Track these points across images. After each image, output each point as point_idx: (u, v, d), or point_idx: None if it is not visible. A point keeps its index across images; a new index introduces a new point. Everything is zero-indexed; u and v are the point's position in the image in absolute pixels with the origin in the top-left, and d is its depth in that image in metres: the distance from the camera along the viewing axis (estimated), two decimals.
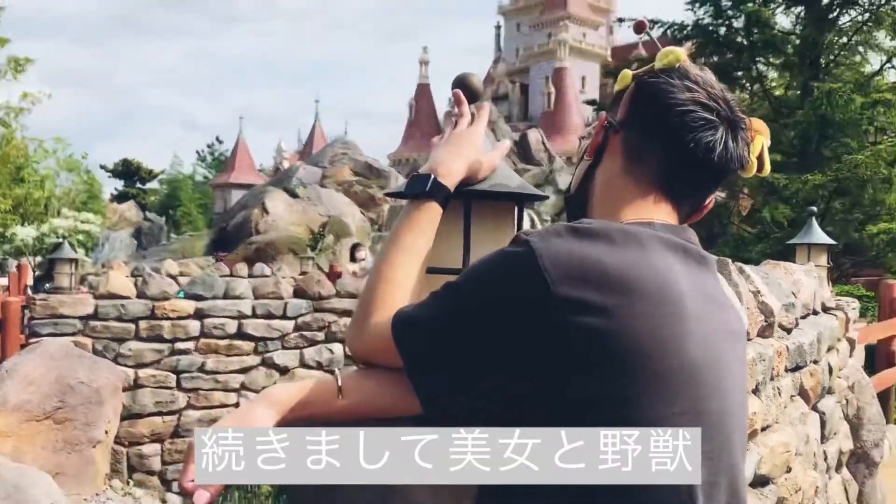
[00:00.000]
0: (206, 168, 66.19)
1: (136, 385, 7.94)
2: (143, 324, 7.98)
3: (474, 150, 1.30)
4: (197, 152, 67.44)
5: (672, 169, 1.13)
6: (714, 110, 1.11)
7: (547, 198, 1.61)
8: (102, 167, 57.49)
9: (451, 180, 1.24)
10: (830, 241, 5.27)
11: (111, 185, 58.96)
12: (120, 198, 53.17)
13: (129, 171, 58.07)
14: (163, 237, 37.23)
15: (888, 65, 11.06)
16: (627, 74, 1.19)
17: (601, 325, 0.94)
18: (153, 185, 61.30)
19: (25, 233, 25.26)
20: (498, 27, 75.46)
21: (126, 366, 7.82)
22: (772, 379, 2.98)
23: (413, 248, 1.21)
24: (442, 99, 67.38)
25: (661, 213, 1.14)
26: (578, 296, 0.94)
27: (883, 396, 6.38)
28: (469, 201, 1.44)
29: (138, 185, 58.29)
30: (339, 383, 1.11)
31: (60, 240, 24.99)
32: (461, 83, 1.51)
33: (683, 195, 1.16)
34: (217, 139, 67.59)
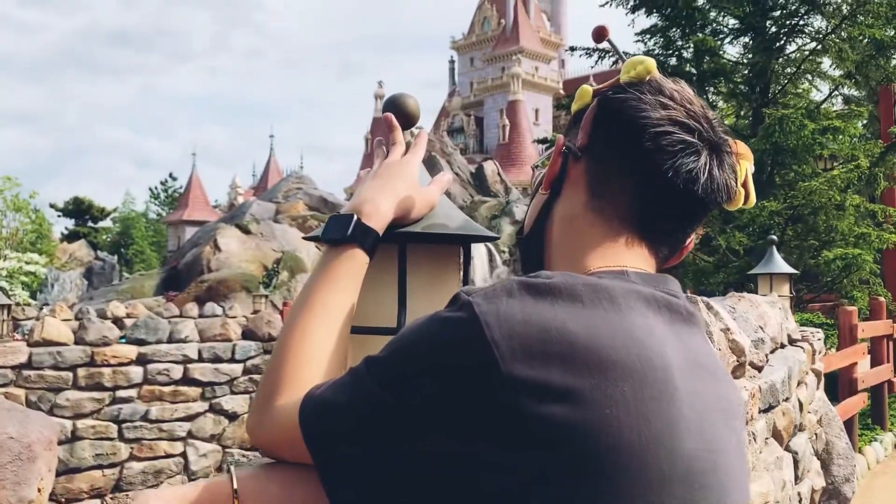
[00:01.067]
0: (159, 205, 65.15)
1: (73, 437, 7.48)
2: (81, 371, 7.54)
3: (408, 185, 1.09)
4: (150, 189, 66.38)
5: (646, 203, 0.92)
6: (694, 131, 0.91)
7: (497, 238, 1.39)
8: (52, 206, 56.34)
9: (378, 221, 1.04)
10: (792, 269, 5.15)
11: (62, 225, 57.69)
12: (70, 237, 52.06)
13: (79, 210, 56.96)
14: (115, 276, 36.31)
15: (835, 92, 11.25)
16: (587, 91, 0.99)
17: (568, 415, 0.72)
18: (105, 223, 60.13)
19: None
20: (452, 61, 76.35)
21: (63, 417, 7.37)
22: (746, 424, 2.79)
23: (330, 308, 0.99)
24: None
25: (634, 257, 0.93)
26: (538, 376, 0.73)
27: (847, 424, 6.27)
28: (404, 245, 1.21)
29: (90, 223, 57.17)
30: (235, 485, 0.86)
31: (4, 283, 24.18)
32: (393, 106, 1.28)
33: (661, 234, 0.95)
34: (171, 176, 66.69)
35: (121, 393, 7.69)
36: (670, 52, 10.89)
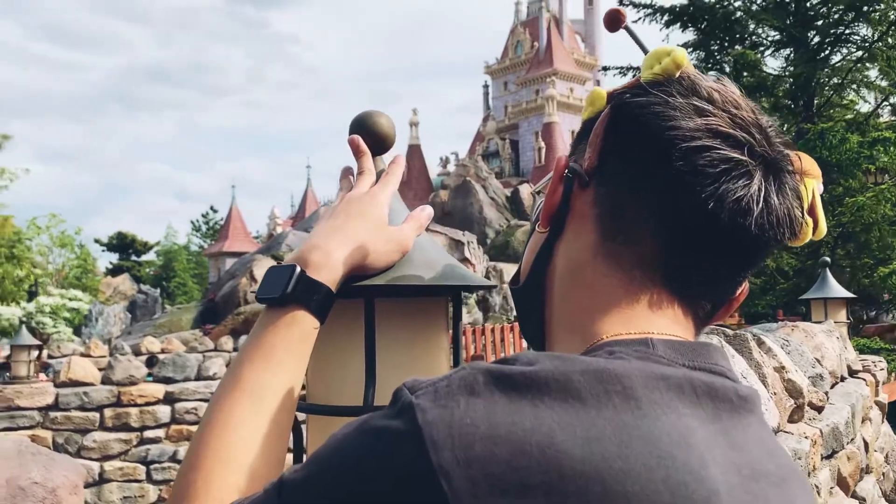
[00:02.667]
0: (200, 238, 66.07)
1: (101, 480, 7.33)
2: (108, 412, 7.41)
3: (372, 225, 0.86)
4: (191, 222, 67.50)
5: (678, 245, 0.66)
6: (744, 144, 0.65)
7: (494, 287, 1.11)
8: (97, 241, 57.50)
9: (330, 273, 0.81)
10: (848, 294, 4.76)
11: (106, 259, 58.88)
12: (114, 271, 53.05)
13: (123, 244, 58.09)
14: (157, 309, 36.74)
15: (885, 103, 10.73)
16: (600, 94, 0.74)
17: None
18: (148, 256, 61.20)
19: (10, 312, 24.66)
20: (486, 86, 76.64)
21: (90, 459, 7.23)
22: (808, 475, 2.46)
23: (262, 390, 0.75)
24: (433, 158, 68.17)
25: (663, 319, 0.67)
26: None
27: None
28: (371, 301, 0.94)
29: (133, 257, 58.23)
30: None
31: (48, 318, 24.51)
32: (360, 126, 1.03)
33: (700, 286, 0.69)
34: (211, 208, 67.70)
35: (148, 433, 7.53)
36: (709, 66, 10.53)
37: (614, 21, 0.81)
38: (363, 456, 0.54)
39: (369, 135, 1.03)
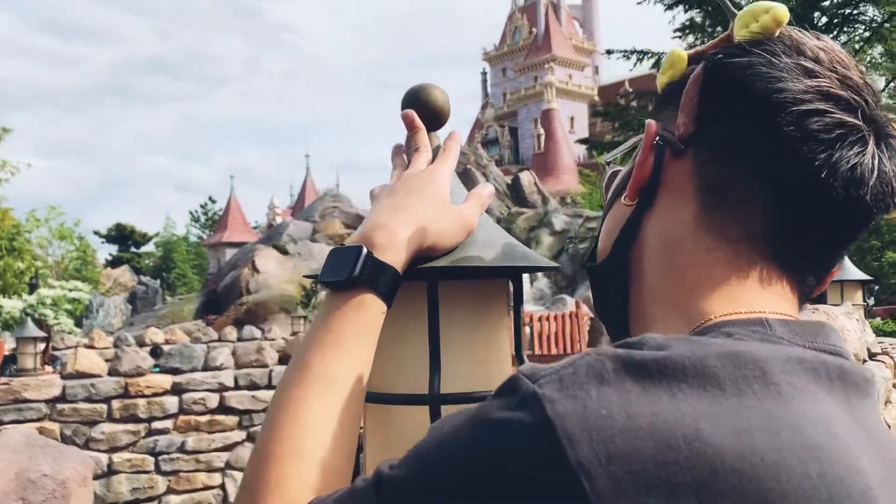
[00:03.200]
0: (200, 228, 65.96)
1: (109, 471, 7.30)
2: (115, 403, 7.37)
3: (436, 203, 0.82)
4: (190, 213, 67.24)
5: (789, 216, 0.62)
6: (856, 108, 0.61)
7: (558, 267, 1.06)
8: (96, 233, 57.44)
9: (396, 254, 0.76)
10: (865, 276, 4.73)
11: (105, 251, 58.83)
12: (114, 263, 53.05)
13: (122, 236, 58.05)
14: (158, 300, 36.72)
15: (892, 83, 10.68)
16: (680, 55, 0.70)
17: None
18: (148, 248, 61.16)
19: (11, 304, 24.60)
20: (484, 73, 76.44)
21: (98, 451, 7.20)
22: None
23: (333, 378, 0.71)
24: None
25: (773, 297, 0.63)
26: None
27: None
28: (434, 284, 0.89)
29: (132, 249, 58.23)
30: None
31: (49, 310, 24.47)
32: (416, 100, 0.97)
33: (808, 259, 0.64)
34: (210, 199, 67.49)
35: (156, 424, 7.50)
36: None
37: None
38: (484, 451, 0.49)
39: (423, 109, 0.98)
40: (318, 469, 0.67)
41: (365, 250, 0.74)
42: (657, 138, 0.67)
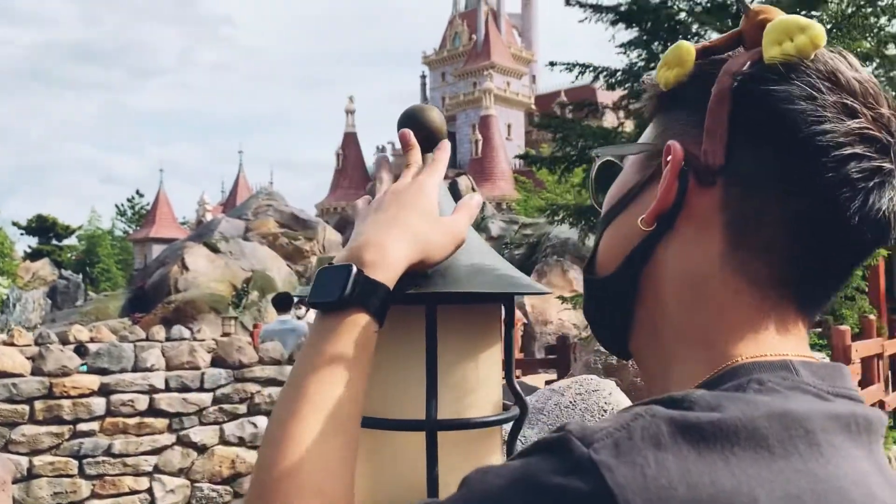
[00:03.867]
0: (126, 223, 64.04)
1: (30, 475, 6.99)
2: (38, 404, 7.05)
3: (426, 217, 0.80)
4: (116, 206, 65.24)
5: (815, 259, 0.61)
6: (887, 148, 0.60)
7: (549, 293, 1.07)
8: (15, 224, 55.13)
9: (387, 271, 0.74)
10: None
11: (24, 243, 56.53)
12: (34, 255, 51.03)
13: (43, 228, 55.92)
14: (80, 296, 35.45)
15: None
16: (689, 50, 0.66)
17: None
18: (70, 241, 59.02)
19: None
20: (423, 77, 76.46)
21: (19, 453, 6.89)
22: None
23: (331, 404, 0.69)
24: (369, 147, 67.96)
25: (793, 338, 0.62)
26: None
27: None
28: (433, 308, 0.88)
29: (54, 241, 56.09)
30: None
31: None
32: (411, 120, 0.97)
33: (823, 299, 0.65)
34: (137, 192, 65.70)
35: (82, 426, 7.21)
36: (654, 65, 10.66)
37: None
38: None
39: (420, 129, 0.98)
40: (321, 500, 0.66)
41: (355, 269, 0.72)
42: (684, 161, 0.63)
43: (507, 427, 1.00)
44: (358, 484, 0.93)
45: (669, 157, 0.63)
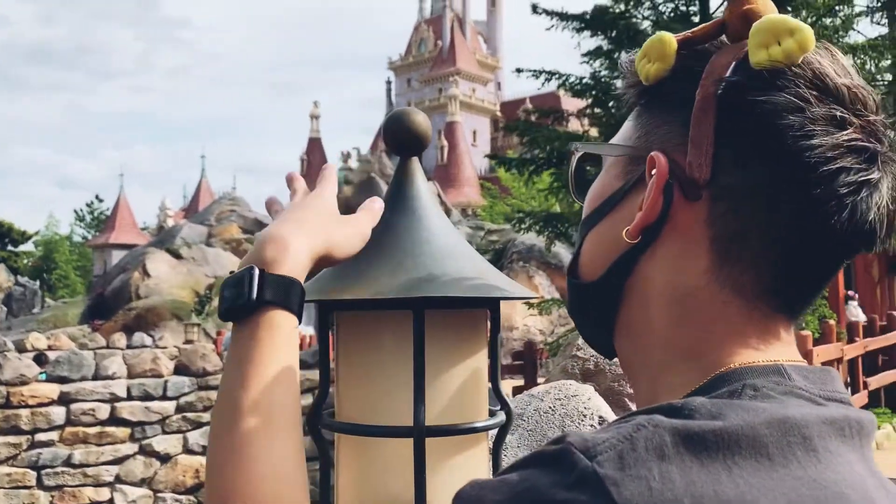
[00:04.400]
0: (85, 228, 62.90)
1: None
2: None
3: (326, 215, 0.81)
4: (75, 211, 64.10)
5: (802, 271, 0.61)
6: (877, 156, 0.58)
7: (536, 297, 1.06)
8: None
9: (292, 264, 0.73)
10: None
11: None
12: None
13: None
14: (37, 303, 34.69)
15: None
16: (671, 43, 0.63)
17: None
18: (27, 247, 57.75)
19: None
20: (389, 82, 76.47)
21: None
22: None
23: (268, 410, 0.68)
24: (334, 152, 67.73)
25: (783, 345, 0.61)
26: None
27: None
28: (422, 313, 0.87)
29: (10, 247, 54.85)
30: None
31: None
32: (396, 124, 0.98)
33: (808, 305, 0.64)
34: (97, 197, 64.57)
35: (40, 436, 7.07)
36: (616, 74, 10.83)
37: None
38: None
39: (406, 133, 0.97)
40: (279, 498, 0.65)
41: (257, 270, 0.71)
42: (669, 174, 0.61)
43: (493, 432, 0.99)
44: (347, 491, 0.92)
45: (654, 171, 0.61)
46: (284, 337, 0.71)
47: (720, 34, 0.64)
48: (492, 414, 0.97)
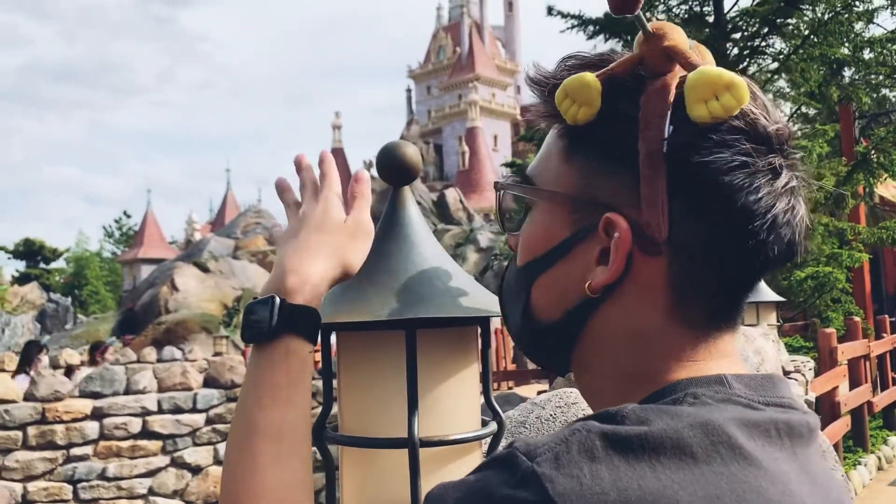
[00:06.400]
0: (114, 244, 63.77)
1: (24, 501, 6.97)
2: (31, 430, 7.05)
3: (336, 233, 0.87)
4: (104, 228, 65.03)
5: (743, 296, 0.68)
6: (798, 190, 0.65)
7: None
8: (1, 248, 54.76)
9: (311, 293, 0.81)
10: (778, 297, 4.98)
11: (12, 267, 56.19)
12: (21, 280, 50.66)
13: (31, 252, 55.56)
14: (69, 319, 35.21)
15: (797, 112, 11.29)
16: (595, 86, 0.65)
17: None
18: (58, 264, 58.64)
19: None
20: (409, 90, 76.60)
21: (13, 480, 6.87)
22: None
23: (279, 431, 0.76)
24: (356, 162, 67.89)
25: (726, 356, 0.67)
26: None
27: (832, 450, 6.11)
28: (413, 333, 0.95)
29: (42, 265, 55.74)
30: None
31: None
32: (388, 157, 1.05)
33: (742, 308, 0.70)
34: (125, 213, 65.49)
35: (75, 451, 7.20)
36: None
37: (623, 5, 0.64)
38: None
39: (397, 165, 1.04)
40: None
41: (278, 300, 0.78)
42: (635, 237, 0.64)
43: (487, 441, 1.05)
44: (350, 499, 0.99)
45: (617, 234, 0.63)
46: (299, 363, 0.78)
47: (638, 68, 0.66)
48: (484, 424, 1.04)
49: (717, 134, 0.61)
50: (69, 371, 10.07)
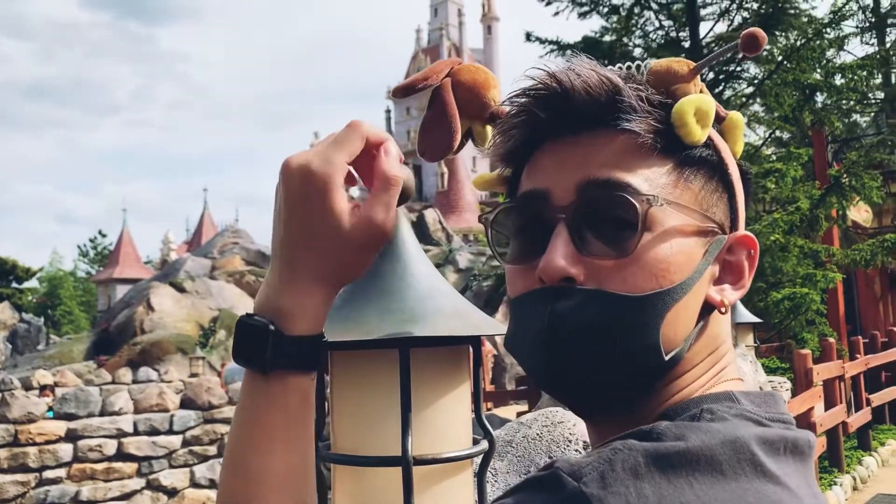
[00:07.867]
0: (88, 263, 63.03)
1: None
2: (3, 452, 6.95)
3: (332, 236, 0.69)
4: (79, 247, 64.39)
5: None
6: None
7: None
8: None
9: (310, 321, 0.70)
10: (755, 318, 5.04)
11: None
12: None
13: (3, 271, 54.66)
14: (42, 339, 34.64)
15: (771, 136, 11.51)
16: (713, 111, 0.68)
17: None
18: (31, 283, 57.75)
19: None
20: (388, 111, 76.88)
21: None
22: None
23: (272, 475, 0.71)
24: None
25: (731, 365, 0.73)
26: None
27: None
28: (406, 352, 0.96)
29: (14, 284, 54.87)
30: None
31: None
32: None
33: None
34: (100, 233, 64.82)
35: (48, 473, 7.09)
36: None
37: (753, 44, 0.67)
38: None
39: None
40: None
41: (272, 332, 0.68)
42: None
43: (478, 459, 1.07)
44: None
45: (753, 251, 0.70)
46: (298, 398, 0.71)
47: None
48: (476, 442, 1.05)
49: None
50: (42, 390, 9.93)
